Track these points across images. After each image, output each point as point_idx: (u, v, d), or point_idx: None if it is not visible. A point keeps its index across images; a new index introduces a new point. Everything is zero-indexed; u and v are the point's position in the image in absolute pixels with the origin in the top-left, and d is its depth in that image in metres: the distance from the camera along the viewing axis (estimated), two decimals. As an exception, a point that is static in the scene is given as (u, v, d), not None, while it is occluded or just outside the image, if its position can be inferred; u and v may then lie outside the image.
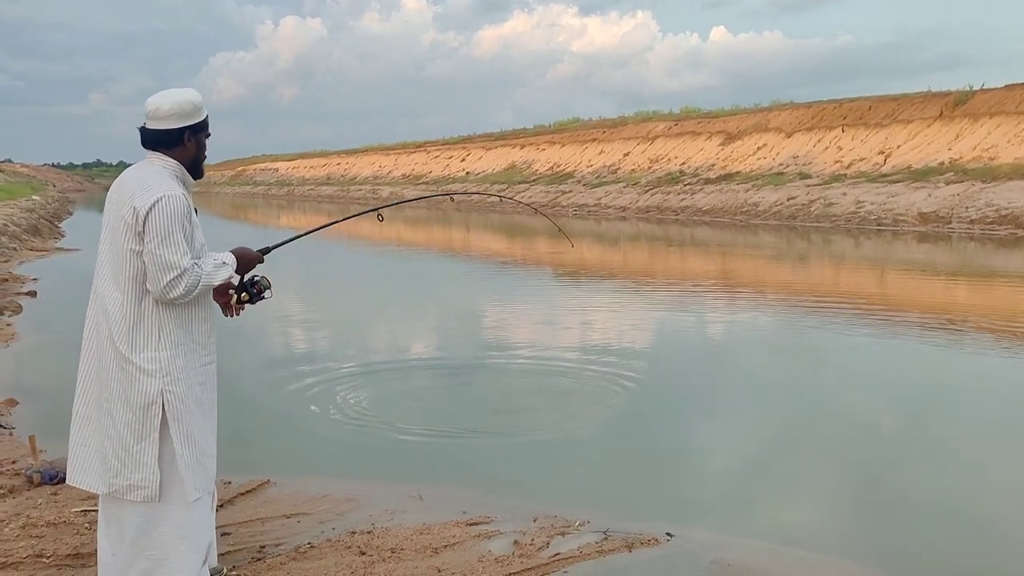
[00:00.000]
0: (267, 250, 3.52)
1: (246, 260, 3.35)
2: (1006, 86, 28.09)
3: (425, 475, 5.55)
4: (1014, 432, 6.51)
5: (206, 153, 3.32)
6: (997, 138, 25.73)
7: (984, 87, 29.11)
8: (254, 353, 9.45)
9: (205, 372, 3.25)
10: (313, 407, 7.16)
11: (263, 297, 3.43)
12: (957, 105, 28.78)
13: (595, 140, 45.34)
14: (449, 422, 6.85)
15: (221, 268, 3.20)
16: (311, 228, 4.19)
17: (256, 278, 3.42)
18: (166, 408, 3.07)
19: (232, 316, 3.48)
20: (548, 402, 7.35)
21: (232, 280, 3.29)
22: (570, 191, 39.38)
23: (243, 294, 3.36)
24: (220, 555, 4.00)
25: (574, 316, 11.99)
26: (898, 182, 25.87)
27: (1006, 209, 21.23)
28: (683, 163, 36.87)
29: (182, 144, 3.21)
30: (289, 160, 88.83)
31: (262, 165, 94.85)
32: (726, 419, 6.91)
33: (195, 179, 3.28)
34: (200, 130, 3.26)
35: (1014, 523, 4.97)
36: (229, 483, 5.27)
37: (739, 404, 7.35)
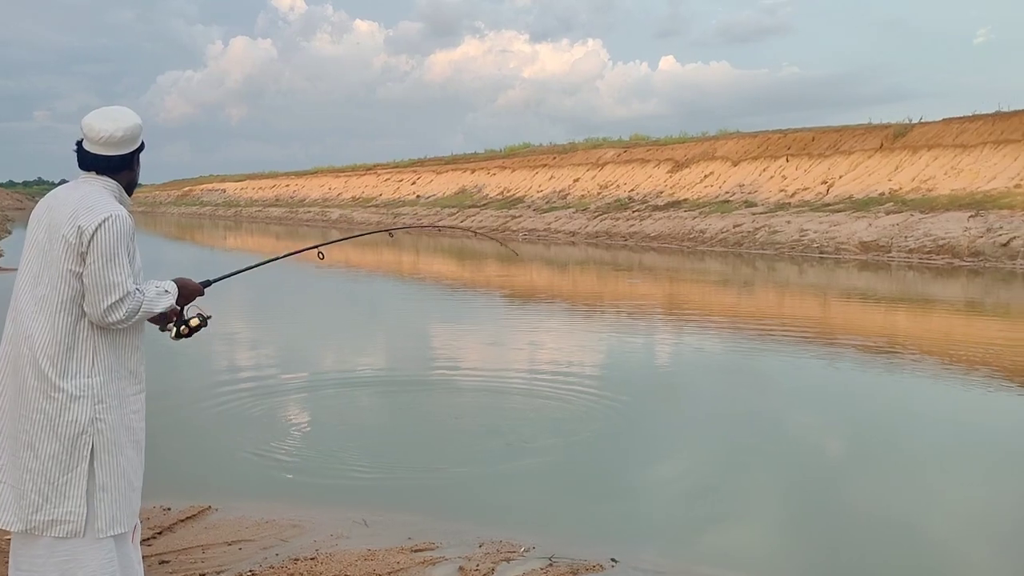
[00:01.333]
0: (208, 283, 3.42)
1: (187, 291, 3.25)
2: (943, 120, 28.94)
3: (371, 500, 5.51)
4: (956, 455, 6.67)
5: None
6: (935, 170, 26.47)
7: (922, 120, 29.98)
8: (196, 375, 9.31)
9: (137, 401, 3.11)
10: (257, 430, 7.06)
11: (200, 329, 3.32)
12: (897, 137, 29.56)
13: (545, 166, 45.65)
14: (396, 445, 6.82)
15: (163, 296, 3.10)
16: (255, 263, 4.00)
17: (195, 311, 3.33)
18: (96, 437, 2.92)
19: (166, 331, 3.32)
20: (496, 425, 7.33)
21: (172, 309, 3.19)
22: (520, 216, 39.56)
23: (182, 327, 3.27)
24: (158, 583, 3.92)
25: (525, 339, 12.02)
26: (840, 211, 26.45)
27: (943, 239, 21.82)
28: (632, 189, 37.30)
29: (130, 168, 3.15)
30: (237, 181, 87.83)
31: (209, 185, 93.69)
32: (674, 444, 6.97)
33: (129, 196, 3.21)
34: (142, 149, 3.20)
35: (959, 547, 5.08)
36: (169, 509, 5.18)
37: (686, 428, 7.43)
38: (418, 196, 52.19)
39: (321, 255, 4.25)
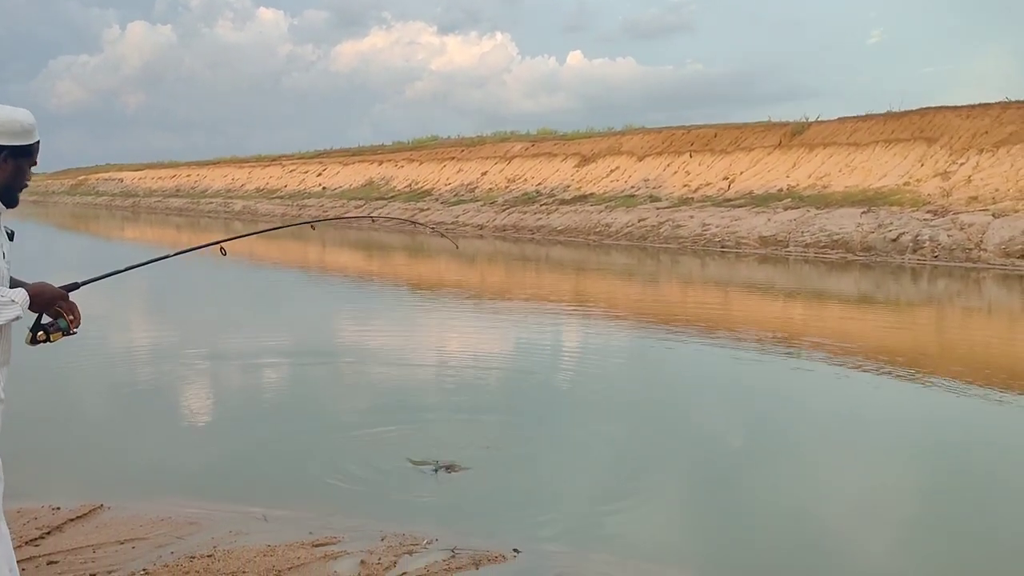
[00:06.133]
0: (74, 286, 3.21)
1: (43, 299, 3.04)
2: (838, 119, 29.94)
3: (271, 494, 5.42)
4: (848, 444, 6.93)
5: (27, 182, 3.00)
6: (829, 167, 27.39)
7: (819, 119, 30.93)
8: (85, 366, 8.98)
9: None
10: (152, 422, 6.87)
11: (63, 336, 3.13)
12: (794, 135, 30.46)
13: (453, 158, 45.54)
14: (295, 437, 6.70)
15: (7, 306, 2.89)
16: (132, 264, 3.72)
17: (55, 319, 3.12)
18: None
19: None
20: (397, 415, 7.28)
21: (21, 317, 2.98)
22: (428, 208, 39.39)
23: (39, 332, 3.09)
24: (45, 585, 3.78)
25: (436, 327, 11.97)
26: (741, 207, 27.15)
27: (837, 235, 22.61)
28: (539, 183, 37.51)
29: None
30: (135, 170, 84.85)
31: (105, 175, 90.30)
32: (578, 433, 7.04)
33: (7, 207, 2.97)
34: (22, 154, 2.93)
35: (851, 533, 5.27)
36: (58, 508, 5.00)
37: (590, 419, 7.51)
38: (324, 188, 51.43)
39: (223, 251, 4.02)
